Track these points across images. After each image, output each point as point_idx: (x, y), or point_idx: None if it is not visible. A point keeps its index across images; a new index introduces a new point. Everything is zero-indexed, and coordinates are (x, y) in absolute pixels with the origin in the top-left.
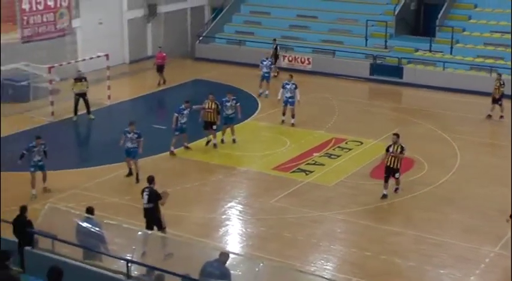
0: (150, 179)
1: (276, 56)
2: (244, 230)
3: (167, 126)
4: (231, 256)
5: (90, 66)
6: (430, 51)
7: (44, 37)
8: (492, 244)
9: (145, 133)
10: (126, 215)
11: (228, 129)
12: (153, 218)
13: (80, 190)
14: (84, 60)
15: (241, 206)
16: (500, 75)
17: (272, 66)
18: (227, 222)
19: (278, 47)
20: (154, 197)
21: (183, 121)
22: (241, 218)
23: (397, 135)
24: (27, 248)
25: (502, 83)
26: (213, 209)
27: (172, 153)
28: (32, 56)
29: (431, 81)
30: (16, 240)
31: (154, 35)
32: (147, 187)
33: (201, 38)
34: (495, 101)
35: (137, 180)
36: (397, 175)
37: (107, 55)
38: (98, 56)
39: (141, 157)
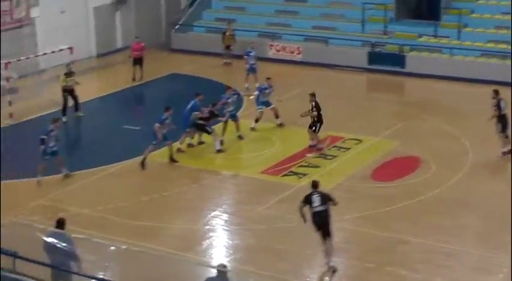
0: (316, 184)
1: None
2: (230, 242)
3: (141, 126)
4: (213, 271)
5: (52, 61)
6: (435, 36)
7: None
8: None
9: (117, 135)
10: (97, 229)
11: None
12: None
13: (44, 200)
14: (45, 54)
15: (227, 215)
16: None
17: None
18: (211, 233)
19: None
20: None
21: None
22: (227, 228)
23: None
24: None
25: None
26: (195, 219)
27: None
28: None
29: (437, 70)
30: None
31: (124, 25)
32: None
33: (177, 27)
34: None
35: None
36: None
37: (70, 48)
38: (61, 50)
39: (113, 161)
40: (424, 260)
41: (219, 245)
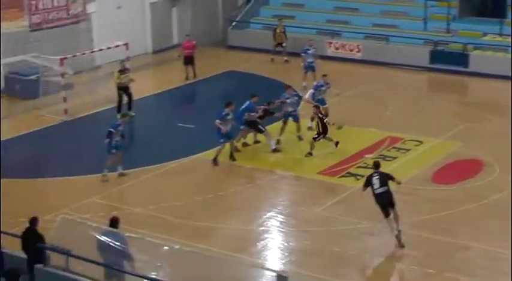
0: (378, 164)
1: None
2: (285, 243)
3: (195, 124)
4: (268, 273)
5: (108, 57)
6: (501, 35)
7: (55, 24)
8: None
9: (171, 133)
10: (150, 228)
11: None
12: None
13: (98, 198)
14: (100, 50)
15: (282, 216)
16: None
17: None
18: (266, 235)
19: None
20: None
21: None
22: (282, 229)
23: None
24: (38, 265)
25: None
26: (250, 220)
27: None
28: (42, 46)
29: (502, 70)
30: (25, 256)
31: (180, 21)
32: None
33: (234, 23)
34: None
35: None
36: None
37: (126, 44)
38: (117, 46)
39: (167, 160)
40: (486, 267)
41: (274, 246)
